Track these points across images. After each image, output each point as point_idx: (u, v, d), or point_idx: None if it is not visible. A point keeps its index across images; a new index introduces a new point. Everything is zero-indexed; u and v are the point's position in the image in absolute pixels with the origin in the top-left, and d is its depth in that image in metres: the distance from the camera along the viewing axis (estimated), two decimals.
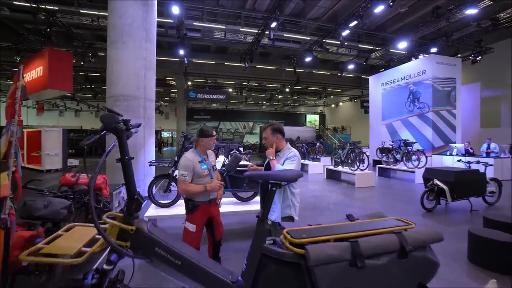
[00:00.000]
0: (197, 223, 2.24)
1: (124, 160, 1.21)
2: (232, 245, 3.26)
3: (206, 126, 2.33)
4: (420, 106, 11.06)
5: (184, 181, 2.16)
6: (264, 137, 2.28)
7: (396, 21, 13.27)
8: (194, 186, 2.19)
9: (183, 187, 2.17)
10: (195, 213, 2.25)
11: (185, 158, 2.22)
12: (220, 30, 12.98)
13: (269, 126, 2.26)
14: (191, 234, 2.22)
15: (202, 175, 2.24)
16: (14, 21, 11.89)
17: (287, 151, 2.22)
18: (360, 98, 23.33)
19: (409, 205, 5.31)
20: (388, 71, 13.70)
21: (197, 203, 2.25)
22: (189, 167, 2.17)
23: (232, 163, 2.27)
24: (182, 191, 2.20)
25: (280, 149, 2.26)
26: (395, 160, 9.17)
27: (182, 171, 2.17)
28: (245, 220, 4.07)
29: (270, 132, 2.23)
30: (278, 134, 2.23)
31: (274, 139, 2.22)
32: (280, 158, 2.19)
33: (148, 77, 5.36)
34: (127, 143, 1.23)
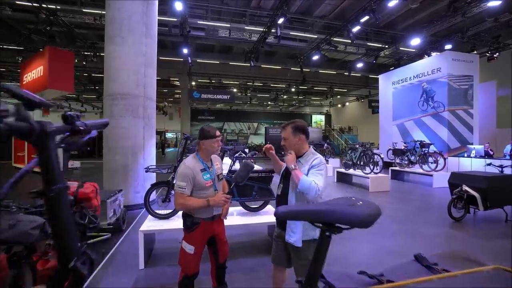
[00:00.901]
0: (196, 244, 1.85)
1: (50, 193, 0.66)
2: (239, 264, 2.85)
3: (208, 125, 1.93)
4: (435, 105, 10.51)
5: (182, 193, 1.77)
6: (283, 138, 1.82)
7: (406, 18, 12.74)
8: (194, 200, 1.79)
9: (180, 201, 1.78)
10: (194, 232, 1.85)
11: (183, 166, 1.82)
12: (225, 28, 12.62)
13: (290, 124, 1.81)
14: (187, 256, 1.84)
15: (204, 187, 1.84)
16: (16, 20, 11.73)
17: (311, 156, 1.78)
18: (368, 98, 22.73)
19: (433, 213, 4.83)
20: (399, 69, 13.16)
21: (197, 220, 1.85)
22: (188, 177, 1.77)
23: (242, 172, 1.85)
24: (180, 206, 1.81)
25: (302, 153, 1.81)
26: (410, 162, 8.65)
27: (179, 182, 1.77)
28: (253, 232, 3.66)
29: (290, 131, 1.78)
30: (300, 134, 1.78)
31: (296, 140, 1.78)
32: (302, 165, 1.75)
33: (148, 75, 4.99)
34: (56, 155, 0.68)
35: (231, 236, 3.50)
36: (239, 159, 4.04)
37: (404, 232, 3.82)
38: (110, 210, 3.51)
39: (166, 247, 3.23)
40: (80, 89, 21.11)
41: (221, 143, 1.96)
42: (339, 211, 0.76)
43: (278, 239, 1.84)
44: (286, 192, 1.77)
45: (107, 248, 3.14)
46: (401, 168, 8.91)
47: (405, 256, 3.03)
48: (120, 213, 3.79)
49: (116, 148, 4.72)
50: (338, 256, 3.02)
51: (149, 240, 2.98)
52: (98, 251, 2.96)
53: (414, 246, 3.32)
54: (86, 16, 10.93)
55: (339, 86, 22.24)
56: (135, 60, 4.78)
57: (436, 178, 7.55)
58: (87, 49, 12.43)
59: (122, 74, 4.71)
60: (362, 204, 0.79)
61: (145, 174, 4.79)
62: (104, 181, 4.89)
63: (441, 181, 7.54)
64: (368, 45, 14.28)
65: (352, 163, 8.03)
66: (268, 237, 3.53)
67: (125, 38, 4.69)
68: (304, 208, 0.91)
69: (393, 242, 3.46)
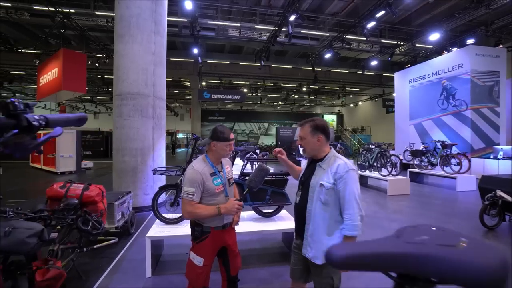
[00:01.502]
0: (206, 255, 1.65)
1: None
2: (252, 274, 2.63)
3: (222, 126, 1.70)
4: (456, 103, 9.93)
5: (190, 200, 1.57)
6: (299, 136, 1.58)
7: (422, 14, 12.20)
8: (203, 208, 1.59)
9: (188, 209, 1.58)
10: (203, 243, 1.66)
11: (191, 170, 1.61)
12: (235, 28, 12.49)
13: (308, 121, 1.56)
14: (196, 269, 1.64)
15: (214, 193, 1.64)
16: (33, 25, 12.08)
17: (334, 160, 1.49)
18: (381, 97, 22.02)
19: (462, 220, 4.44)
20: (416, 67, 12.58)
21: (207, 229, 1.66)
22: (197, 182, 1.58)
23: (257, 177, 1.64)
24: (188, 215, 1.61)
25: (322, 156, 1.54)
26: (430, 164, 8.17)
27: (187, 187, 1.57)
28: (266, 238, 3.44)
29: (309, 130, 1.53)
30: (320, 134, 1.52)
31: (314, 140, 1.52)
32: (324, 173, 1.48)
33: (157, 74, 4.88)
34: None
35: (243, 242, 3.30)
36: (250, 160, 3.84)
37: None
38: (118, 212, 3.38)
39: (175, 253, 3.06)
40: (94, 90, 21.61)
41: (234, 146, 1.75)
42: (437, 257, 0.45)
43: (297, 250, 1.62)
44: (304, 202, 1.54)
45: (114, 253, 3.01)
46: (420, 170, 8.44)
47: None
48: (129, 216, 3.67)
49: (125, 149, 4.63)
50: None
51: (157, 246, 2.82)
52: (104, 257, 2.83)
53: None
54: (99, 19, 11.12)
55: (351, 85, 21.71)
56: (144, 58, 4.68)
57: (460, 181, 7.06)
58: (99, 51, 12.62)
59: (131, 73, 4.62)
60: (471, 244, 0.48)
61: (155, 175, 4.68)
62: (114, 182, 4.81)
63: (466, 184, 7.07)
64: (383, 42, 13.79)
65: (368, 164, 7.66)
66: (282, 244, 3.31)
67: (134, 36, 4.59)
68: (375, 251, 0.53)
69: None
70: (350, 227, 1.40)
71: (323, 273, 1.48)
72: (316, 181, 1.50)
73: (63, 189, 2.44)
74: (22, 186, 7.28)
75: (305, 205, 1.53)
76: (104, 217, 2.68)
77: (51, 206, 2.41)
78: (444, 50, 12.30)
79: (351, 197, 1.40)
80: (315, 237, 1.48)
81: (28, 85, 20.22)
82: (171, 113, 28.14)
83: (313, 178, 1.52)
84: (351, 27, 11.17)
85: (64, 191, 2.42)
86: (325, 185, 1.45)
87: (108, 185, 5.14)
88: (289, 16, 9.40)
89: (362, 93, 24.78)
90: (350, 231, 1.40)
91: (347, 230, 1.41)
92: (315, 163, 1.57)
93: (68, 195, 2.41)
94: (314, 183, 1.51)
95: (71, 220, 2.02)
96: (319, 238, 1.48)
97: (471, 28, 11.12)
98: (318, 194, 1.48)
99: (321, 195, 1.47)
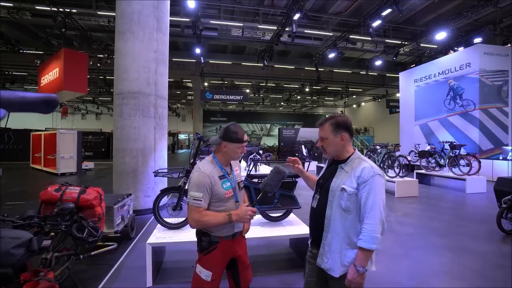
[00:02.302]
0: (214, 269, 1.47)
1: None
2: (259, 282, 2.46)
3: (236, 125, 1.51)
4: (464, 103, 9.72)
5: (198, 207, 1.37)
6: (320, 138, 1.41)
7: (427, 13, 12.03)
8: (212, 215, 1.40)
9: (196, 217, 1.38)
10: (212, 254, 1.47)
11: (198, 173, 1.42)
12: (238, 27, 12.37)
13: (328, 119, 1.38)
14: (203, 284, 1.46)
15: (224, 198, 1.46)
16: (35, 25, 12.02)
17: (359, 163, 1.32)
18: (385, 97, 21.80)
19: (476, 223, 4.24)
20: (422, 66, 12.38)
21: (215, 239, 1.47)
22: (204, 186, 1.39)
23: (274, 180, 1.45)
24: (195, 223, 1.41)
25: (345, 157, 1.38)
26: (438, 165, 7.96)
27: (194, 192, 1.38)
28: (273, 243, 3.27)
29: (330, 128, 1.35)
30: (343, 131, 1.35)
31: (338, 140, 1.35)
32: (346, 176, 1.31)
33: (159, 72, 4.73)
34: None
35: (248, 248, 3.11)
36: (254, 161, 3.67)
37: (450, 247, 3.30)
38: (118, 216, 3.22)
39: (178, 260, 2.89)
40: (96, 91, 21.56)
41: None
42: None
43: (312, 260, 1.45)
44: (323, 207, 1.37)
45: (113, 259, 2.85)
46: (427, 171, 8.23)
47: (460, 278, 2.55)
48: (129, 220, 3.51)
49: (125, 149, 4.48)
50: (373, 274, 2.57)
51: (158, 253, 2.65)
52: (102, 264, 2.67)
53: (468, 265, 2.81)
54: (101, 19, 11.05)
55: (354, 85, 21.52)
56: (146, 56, 4.53)
57: (470, 182, 6.85)
58: (101, 51, 12.54)
59: (132, 71, 4.47)
60: None
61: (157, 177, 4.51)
62: (114, 184, 4.65)
63: (476, 186, 6.86)
64: (387, 41, 13.62)
65: None
66: (290, 250, 3.13)
67: (135, 33, 4.45)
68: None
69: (440, 259, 2.96)
70: (369, 239, 1.22)
71: (342, 286, 1.31)
72: (337, 184, 1.33)
73: (58, 192, 2.28)
74: (21, 188, 7.15)
75: (323, 210, 1.37)
76: (102, 222, 2.52)
77: (45, 211, 2.26)
78: (451, 50, 12.11)
79: (374, 206, 1.23)
80: (333, 247, 1.31)
81: (30, 86, 20.19)
82: (173, 114, 28.08)
83: (333, 181, 1.35)
84: (355, 27, 11.01)
85: (59, 195, 2.26)
86: (347, 189, 1.28)
87: (108, 187, 5.00)
88: (293, 15, 9.25)
89: (365, 94, 24.59)
90: (368, 244, 1.21)
91: (364, 242, 1.22)
92: (337, 164, 1.40)
93: (64, 199, 2.25)
94: (334, 187, 1.34)
95: (65, 227, 1.85)
96: (337, 248, 1.31)
97: (477, 27, 10.92)
98: (338, 200, 1.31)
99: (342, 200, 1.30)
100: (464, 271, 2.70)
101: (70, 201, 2.24)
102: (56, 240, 2.02)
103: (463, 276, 2.62)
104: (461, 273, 2.68)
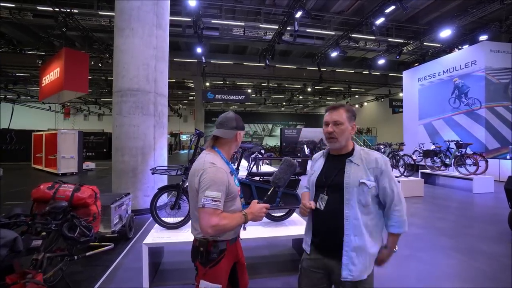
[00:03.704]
0: (223, 280, 1.29)
1: None
2: (261, 284, 2.35)
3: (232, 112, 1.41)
4: (469, 102, 9.54)
5: (216, 209, 1.16)
6: (334, 121, 1.26)
7: (430, 12, 11.89)
8: (230, 217, 1.22)
9: (214, 222, 1.14)
10: (220, 265, 1.27)
11: (215, 168, 1.21)
12: (239, 27, 12.30)
13: (341, 105, 1.30)
14: None
15: (236, 196, 1.32)
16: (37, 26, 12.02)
17: (367, 154, 1.27)
18: (388, 97, 21.61)
19: (486, 224, 4.09)
20: (426, 65, 12.21)
21: (223, 247, 1.28)
22: (224, 184, 1.21)
23: (286, 174, 1.31)
24: (212, 230, 1.16)
25: (349, 150, 1.30)
26: (443, 164, 7.79)
27: (212, 192, 1.16)
28: (275, 244, 3.16)
29: (345, 114, 1.26)
30: (354, 121, 1.30)
31: (350, 129, 1.27)
32: (360, 169, 1.23)
33: (159, 69, 4.65)
34: None
35: (250, 249, 3.02)
36: (256, 160, 3.56)
37: (460, 248, 3.16)
38: (115, 216, 3.13)
39: (176, 261, 2.79)
40: (98, 92, 21.61)
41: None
42: None
43: (317, 270, 1.29)
44: (338, 207, 1.23)
45: (109, 260, 2.76)
46: (432, 171, 8.06)
47: (470, 280, 2.41)
48: (127, 219, 3.42)
49: (124, 148, 4.39)
50: (382, 277, 2.45)
51: (156, 253, 2.55)
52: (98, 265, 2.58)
53: (478, 267, 2.68)
54: (102, 19, 11.04)
55: (357, 85, 21.36)
56: (145, 53, 4.45)
57: (477, 182, 6.68)
58: (102, 51, 12.53)
59: (132, 68, 4.40)
60: None
61: (156, 176, 4.43)
62: (113, 184, 4.57)
63: (483, 186, 6.69)
64: (390, 40, 13.48)
65: None
66: (293, 251, 3.02)
67: (135, 30, 4.37)
68: None
69: (448, 261, 2.83)
70: (401, 224, 1.25)
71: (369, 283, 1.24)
72: (353, 180, 1.22)
73: (51, 190, 2.20)
74: (22, 188, 7.11)
75: (337, 211, 1.23)
76: (98, 222, 2.43)
77: (38, 209, 2.17)
78: (455, 48, 11.94)
79: (398, 192, 1.25)
80: (361, 250, 1.19)
81: (32, 87, 20.27)
82: (175, 115, 28.08)
83: (346, 176, 1.23)
84: (358, 25, 10.89)
85: (52, 193, 2.17)
86: (368, 183, 1.20)
87: (109, 187, 4.93)
88: (295, 13, 9.15)
89: (367, 93, 24.41)
90: (400, 229, 1.25)
91: (397, 227, 1.25)
92: (342, 158, 1.28)
93: (57, 197, 2.16)
94: (350, 183, 1.22)
95: (55, 226, 1.76)
96: (364, 248, 1.20)
97: (482, 25, 10.75)
98: (357, 196, 1.21)
99: (361, 196, 1.21)
100: (474, 273, 2.58)
101: (64, 199, 2.15)
102: (48, 240, 1.93)
103: (473, 278, 2.49)
104: (471, 275, 2.55)
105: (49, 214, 1.83)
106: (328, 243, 1.26)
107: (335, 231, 1.23)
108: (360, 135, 25.11)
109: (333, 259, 1.23)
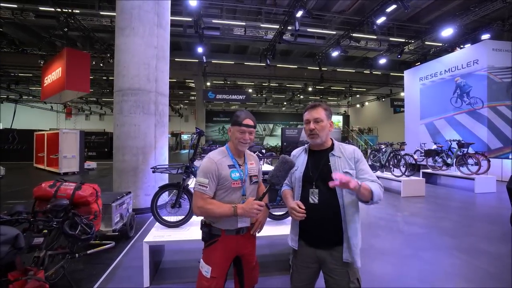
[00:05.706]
0: (214, 265, 1.37)
1: None
2: (262, 283, 2.34)
3: (244, 110, 1.51)
4: (471, 101, 9.50)
5: (203, 193, 1.35)
6: (314, 119, 1.35)
7: (432, 11, 11.84)
8: (217, 204, 1.35)
9: (200, 204, 1.34)
10: (212, 248, 1.40)
11: (207, 159, 1.41)
12: (240, 27, 12.31)
13: (319, 104, 1.39)
14: (202, 281, 1.36)
15: (230, 187, 1.39)
16: (39, 26, 12.08)
17: (343, 147, 1.41)
18: (389, 97, 21.54)
19: (489, 224, 4.07)
20: (427, 64, 12.17)
21: (217, 232, 1.40)
22: (210, 172, 1.36)
23: (281, 171, 1.32)
24: (198, 210, 1.35)
25: (329, 144, 1.41)
26: (445, 164, 7.76)
27: (200, 178, 1.36)
28: (276, 243, 3.15)
29: (324, 112, 1.37)
30: (331, 119, 1.41)
31: (328, 125, 1.38)
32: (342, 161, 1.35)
33: (160, 68, 4.66)
34: None
35: None
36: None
37: (462, 248, 3.15)
38: (116, 214, 3.14)
39: (177, 260, 2.79)
40: (99, 92, 21.67)
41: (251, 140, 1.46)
42: None
43: (309, 264, 1.35)
44: (330, 199, 1.31)
45: (110, 259, 2.76)
46: (434, 171, 8.03)
47: (474, 281, 2.38)
48: (128, 218, 3.42)
49: (125, 147, 4.40)
50: (384, 277, 2.44)
51: (156, 252, 2.55)
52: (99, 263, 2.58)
53: (481, 267, 2.66)
54: (103, 19, 11.07)
55: (358, 85, 21.31)
56: (146, 52, 4.46)
57: (479, 182, 6.65)
58: (104, 51, 12.57)
59: (132, 67, 4.40)
60: None
61: (157, 175, 4.44)
62: (114, 183, 4.58)
63: (485, 185, 6.66)
64: (391, 40, 13.44)
65: (380, 164, 7.31)
66: None
67: (135, 29, 4.38)
68: None
69: (451, 261, 2.81)
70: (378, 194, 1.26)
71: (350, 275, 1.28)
72: (338, 170, 1.31)
73: (53, 188, 2.20)
74: (23, 187, 7.14)
75: (331, 203, 1.31)
76: (99, 220, 2.44)
77: (39, 207, 2.18)
78: (457, 47, 11.88)
79: (372, 174, 1.36)
80: (355, 236, 1.29)
81: (34, 87, 20.36)
82: (176, 115, 28.13)
83: (333, 168, 1.32)
84: (359, 25, 10.87)
85: (54, 191, 2.18)
86: (351, 172, 1.32)
87: (110, 186, 4.94)
88: (296, 13, 9.13)
89: (368, 93, 24.35)
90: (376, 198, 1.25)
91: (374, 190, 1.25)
92: (324, 153, 1.38)
93: (58, 195, 2.17)
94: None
95: (56, 223, 1.76)
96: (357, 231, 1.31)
97: (484, 24, 10.69)
98: None
99: None
100: (476, 273, 2.56)
101: (65, 197, 2.16)
102: (50, 238, 1.94)
103: (476, 278, 2.48)
104: (473, 274, 2.54)
105: (51, 212, 1.84)
106: (322, 234, 1.32)
107: (331, 221, 1.30)
108: (361, 135, 25.06)
109: (325, 249, 1.30)
